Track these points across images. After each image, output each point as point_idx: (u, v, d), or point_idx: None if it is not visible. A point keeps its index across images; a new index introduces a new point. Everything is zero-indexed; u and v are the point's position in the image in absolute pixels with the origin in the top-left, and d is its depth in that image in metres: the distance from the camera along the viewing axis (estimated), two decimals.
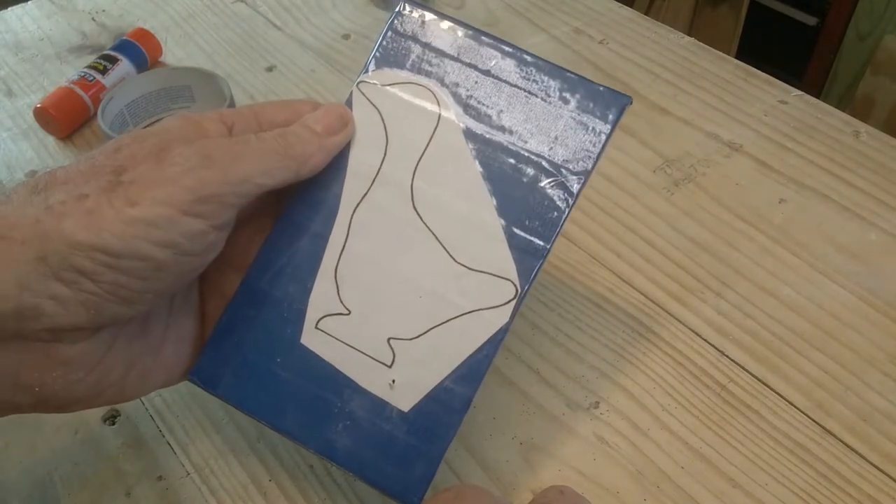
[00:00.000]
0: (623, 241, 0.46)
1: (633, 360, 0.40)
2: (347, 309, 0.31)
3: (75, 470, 0.36)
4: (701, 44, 0.62)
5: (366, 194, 0.32)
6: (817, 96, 0.56)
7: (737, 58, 0.60)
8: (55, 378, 0.27)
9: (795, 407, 0.38)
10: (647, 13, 0.77)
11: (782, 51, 1.48)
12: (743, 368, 0.40)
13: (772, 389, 0.39)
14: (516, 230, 0.31)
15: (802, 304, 0.43)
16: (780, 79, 0.59)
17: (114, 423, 0.38)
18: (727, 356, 0.40)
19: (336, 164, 0.33)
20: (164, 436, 0.37)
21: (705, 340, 0.41)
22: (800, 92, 0.57)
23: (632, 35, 0.64)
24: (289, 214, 0.33)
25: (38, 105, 0.55)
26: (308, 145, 0.31)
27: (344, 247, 0.32)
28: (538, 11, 0.67)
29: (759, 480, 0.35)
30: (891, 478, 0.35)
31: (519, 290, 0.31)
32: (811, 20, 1.43)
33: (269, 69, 0.61)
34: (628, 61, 0.61)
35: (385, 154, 0.33)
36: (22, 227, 0.25)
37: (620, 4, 0.68)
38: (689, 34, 0.63)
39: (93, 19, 0.68)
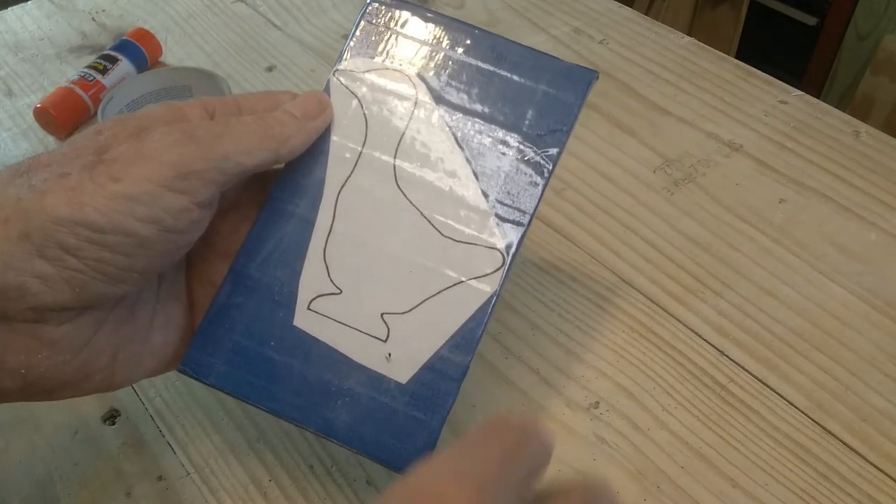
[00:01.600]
0: (623, 241, 0.46)
1: (633, 360, 0.40)
2: (339, 288, 0.32)
3: (75, 470, 0.36)
4: (701, 44, 0.62)
5: (349, 177, 0.33)
6: (817, 96, 0.56)
7: (737, 58, 0.60)
8: (41, 360, 0.27)
9: (795, 407, 0.38)
10: (647, 13, 0.77)
11: (782, 51, 1.48)
12: (743, 368, 0.40)
13: (772, 389, 0.39)
14: (499, 202, 0.33)
15: (802, 304, 0.43)
16: (780, 79, 0.59)
17: (114, 423, 0.38)
18: (727, 356, 0.40)
19: (318, 150, 0.33)
20: (164, 436, 0.37)
21: (705, 340, 0.41)
22: (800, 92, 0.57)
23: (632, 35, 0.64)
24: (273, 201, 0.33)
25: (38, 105, 0.55)
26: (287, 127, 0.31)
27: (331, 229, 0.33)
28: (538, 11, 0.67)
29: (759, 480, 0.35)
30: (891, 478, 0.35)
31: (506, 258, 0.32)
32: (811, 20, 1.43)
33: (269, 69, 0.61)
34: (628, 61, 0.61)
35: (365, 138, 0.34)
36: (4, 207, 0.26)
37: (620, 4, 0.68)
38: (689, 34, 0.63)
39: (93, 19, 0.68)
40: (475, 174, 0.33)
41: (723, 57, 0.61)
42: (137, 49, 0.60)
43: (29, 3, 0.71)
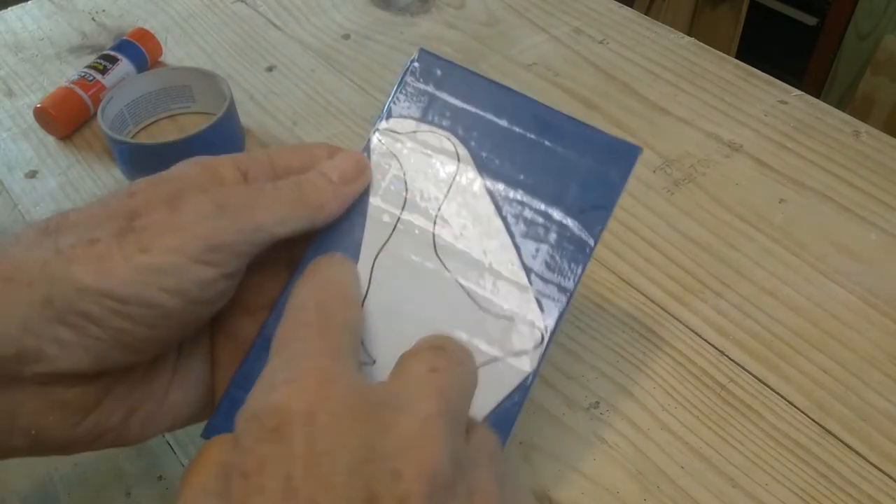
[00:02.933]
0: (623, 241, 0.46)
1: (633, 360, 0.40)
2: (373, 358, 0.31)
3: (75, 470, 0.36)
4: (701, 44, 0.62)
5: (386, 242, 0.32)
6: (817, 96, 0.56)
7: (737, 58, 0.60)
8: (51, 421, 0.26)
9: (795, 407, 0.38)
10: (647, 13, 0.77)
11: (782, 51, 1.48)
12: (743, 368, 0.40)
13: (772, 389, 0.39)
14: (539, 277, 0.31)
15: (802, 304, 0.43)
16: (780, 79, 0.59)
17: None
18: (727, 356, 0.40)
19: (355, 212, 0.32)
20: (164, 436, 0.37)
21: (705, 340, 0.41)
22: (800, 92, 0.57)
23: (632, 35, 0.64)
24: (308, 263, 0.31)
25: (38, 105, 0.55)
26: (323, 194, 0.30)
27: (366, 296, 0.31)
28: (538, 11, 0.67)
29: (759, 480, 0.35)
30: (891, 478, 0.35)
31: (545, 336, 0.31)
32: (811, 20, 1.43)
33: (269, 69, 0.61)
34: (628, 61, 0.61)
35: (405, 202, 0.32)
36: (29, 270, 0.25)
37: (620, 4, 0.68)
38: (689, 34, 0.63)
39: (93, 19, 0.68)
40: (516, 247, 0.32)
41: (723, 57, 0.61)
42: (137, 49, 0.60)
43: (29, 3, 0.71)
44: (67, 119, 0.55)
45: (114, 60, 0.58)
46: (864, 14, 1.33)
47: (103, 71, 0.57)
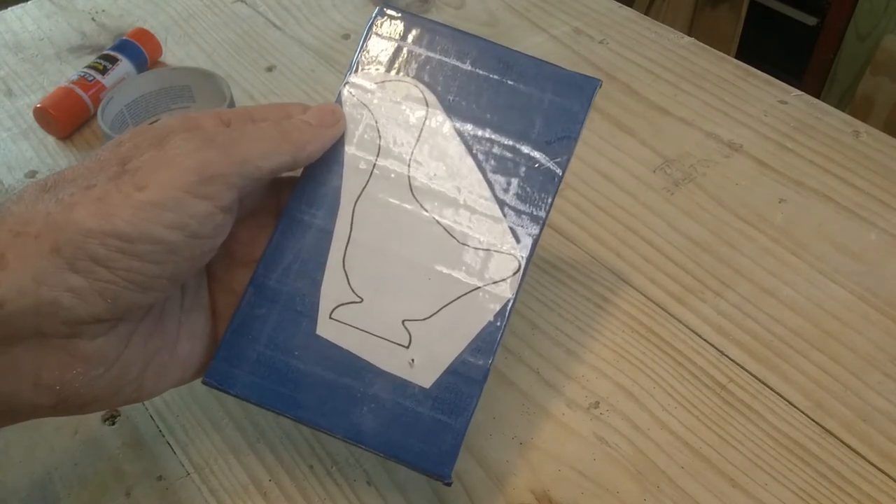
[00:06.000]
0: (623, 241, 0.46)
1: (633, 360, 0.40)
2: (359, 297, 0.33)
3: (75, 470, 0.36)
4: (701, 44, 0.62)
5: (365, 187, 0.34)
6: (817, 96, 0.56)
7: (737, 58, 0.60)
8: (76, 375, 0.27)
9: (795, 407, 0.38)
10: (647, 13, 0.77)
11: (782, 51, 1.48)
12: (743, 368, 0.40)
13: (772, 389, 0.39)
14: (512, 209, 0.33)
15: (802, 304, 0.43)
16: (780, 79, 0.59)
17: (114, 423, 0.38)
18: (727, 356, 0.40)
19: (333, 161, 0.34)
20: (164, 436, 0.37)
21: (705, 340, 0.41)
22: (800, 92, 0.57)
23: (632, 35, 0.64)
24: (291, 212, 0.33)
25: (38, 105, 0.55)
26: (304, 133, 0.32)
27: (349, 238, 0.33)
28: (538, 11, 0.67)
29: (759, 480, 0.35)
30: (891, 478, 0.35)
31: (521, 263, 0.33)
32: (811, 20, 1.43)
33: (269, 69, 0.61)
34: (628, 61, 0.61)
35: (379, 149, 0.34)
36: (34, 222, 0.26)
37: (620, 4, 0.68)
38: (689, 34, 0.64)
39: (93, 19, 0.68)
40: (488, 182, 0.34)
41: (723, 57, 0.61)
42: (137, 49, 0.60)
43: (29, 3, 0.71)
44: (67, 119, 0.55)
45: (114, 60, 0.58)
46: (864, 14, 1.33)
47: (103, 71, 0.57)
